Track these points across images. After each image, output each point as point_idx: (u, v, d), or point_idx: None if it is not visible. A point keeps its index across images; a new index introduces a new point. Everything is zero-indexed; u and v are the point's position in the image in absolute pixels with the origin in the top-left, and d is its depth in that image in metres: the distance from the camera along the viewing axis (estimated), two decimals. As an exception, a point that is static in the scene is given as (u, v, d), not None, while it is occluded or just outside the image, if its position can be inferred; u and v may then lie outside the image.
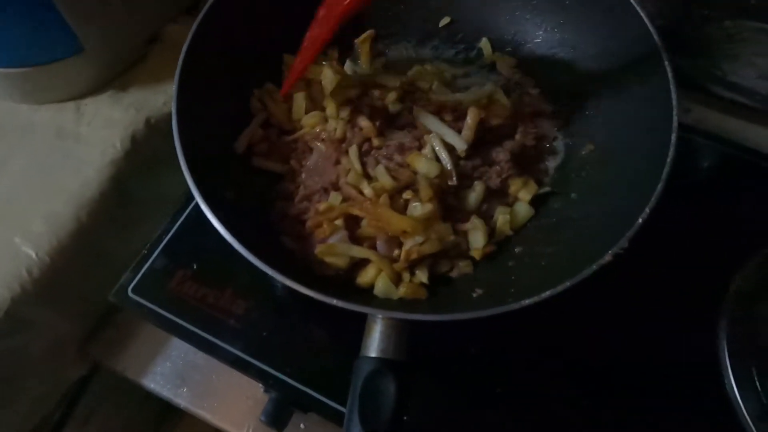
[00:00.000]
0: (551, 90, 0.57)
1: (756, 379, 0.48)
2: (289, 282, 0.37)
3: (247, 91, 0.55)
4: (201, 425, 0.57)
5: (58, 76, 0.57)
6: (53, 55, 0.55)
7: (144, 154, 0.57)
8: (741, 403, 0.46)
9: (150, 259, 0.55)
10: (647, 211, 0.39)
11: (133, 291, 0.53)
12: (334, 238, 0.46)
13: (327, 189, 0.50)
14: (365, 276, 0.45)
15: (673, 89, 0.44)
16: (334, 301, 0.36)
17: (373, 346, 0.37)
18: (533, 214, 0.50)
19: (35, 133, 0.57)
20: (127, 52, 0.61)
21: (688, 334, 0.51)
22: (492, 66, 0.60)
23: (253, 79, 0.55)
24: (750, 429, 0.45)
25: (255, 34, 0.54)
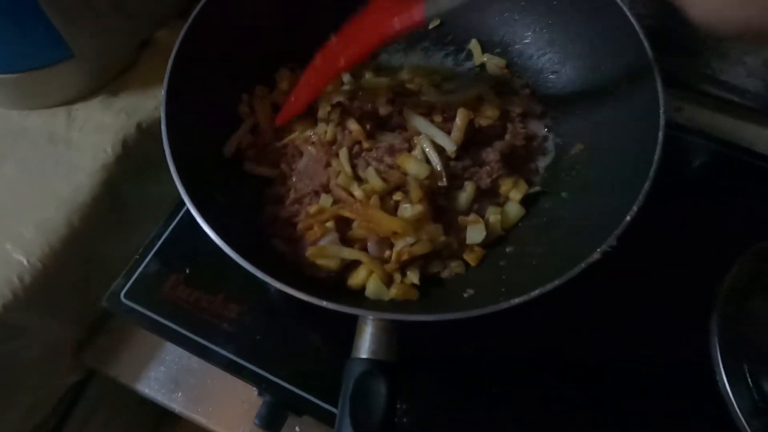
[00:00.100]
0: (540, 90, 0.57)
1: (748, 376, 0.48)
2: (279, 285, 0.37)
3: (238, 95, 0.55)
4: (196, 430, 0.57)
5: (48, 81, 0.57)
6: (43, 60, 0.55)
7: (136, 158, 0.57)
8: (733, 400, 0.47)
9: (142, 264, 0.55)
10: (635, 209, 0.39)
11: (125, 296, 0.53)
12: (325, 240, 0.46)
13: (318, 192, 0.50)
14: (356, 277, 0.45)
15: (659, 88, 0.44)
16: (324, 303, 0.36)
17: (364, 347, 0.37)
18: (524, 213, 0.50)
19: (26, 139, 0.57)
20: (117, 57, 0.61)
21: (680, 332, 0.51)
22: (482, 67, 0.61)
23: (243, 83, 0.55)
24: (742, 425, 0.45)
25: (245, 39, 0.54)
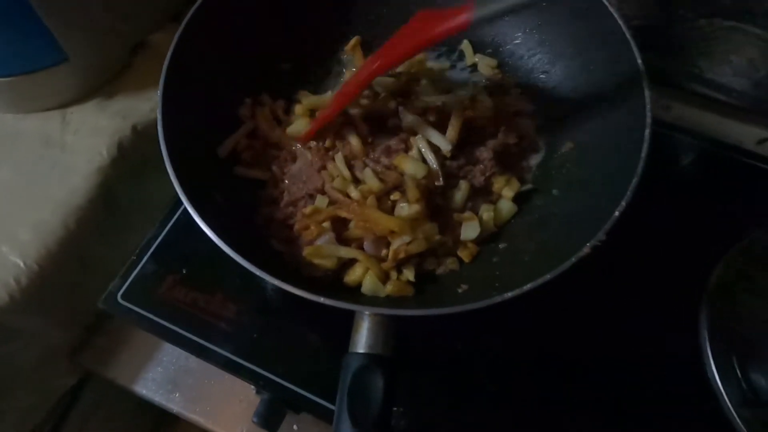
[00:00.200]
0: (531, 90, 0.58)
1: (736, 368, 0.49)
2: (277, 282, 0.38)
3: (234, 96, 0.55)
4: (195, 430, 0.57)
5: (43, 85, 0.57)
6: (38, 64, 0.55)
7: (131, 161, 0.58)
8: (723, 391, 0.47)
9: (139, 265, 0.55)
10: (623, 204, 0.40)
11: (122, 297, 0.54)
12: (322, 240, 0.46)
13: (312, 195, 0.50)
14: (353, 274, 0.46)
15: (646, 87, 0.45)
16: (322, 299, 0.37)
17: (361, 342, 0.38)
18: (516, 210, 0.51)
19: (21, 143, 0.57)
20: (112, 60, 0.61)
21: (670, 325, 0.52)
22: (474, 67, 0.61)
23: (239, 84, 0.56)
24: (732, 415, 0.46)
25: (239, 41, 0.55)
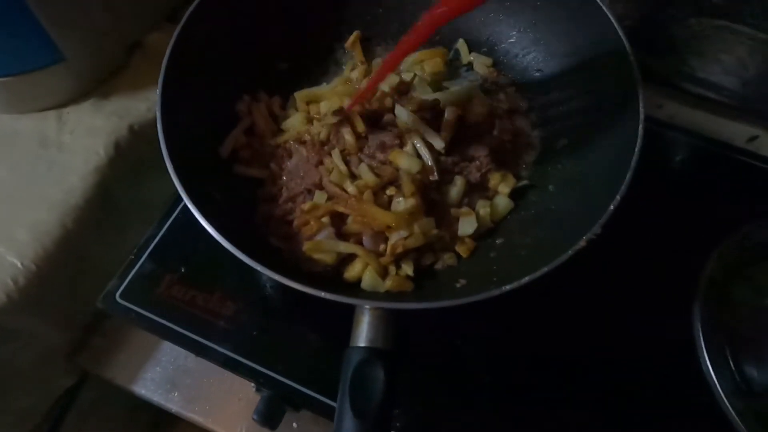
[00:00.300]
0: (526, 87, 0.59)
1: (730, 360, 0.50)
2: (278, 277, 0.38)
3: (233, 94, 0.56)
4: (194, 430, 0.57)
5: (39, 85, 0.57)
6: (34, 64, 0.55)
7: (128, 160, 0.58)
8: (716, 381, 0.48)
9: (137, 264, 0.55)
10: (618, 198, 0.40)
11: (121, 296, 0.54)
12: (321, 235, 0.47)
13: (311, 190, 0.51)
14: (352, 270, 0.46)
15: (638, 83, 0.46)
16: (323, 293, 0.37)
17: (362, 336, 0.38)
18: (513, 206, 0.52)
19: (18, 143, 0.57)
20: (108, 60, 0.61)
21: (664, 318, 0.53)
22: (469, 65, 0.62)
23: (238, 82, 0.56)
24: (725, 405, 0.47)
25: (237, 40, 0.55)
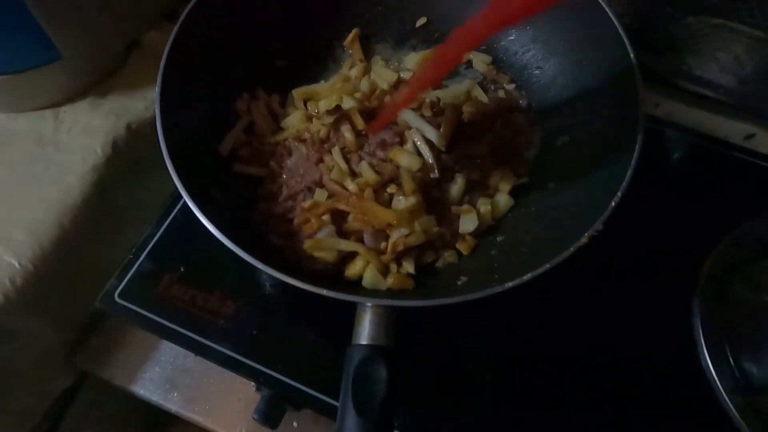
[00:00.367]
0: (526, 85, 0.59)
1: (729, 356, 0.50)
2: (278, 274, 0.38)
3: (230, 92, 0.55)
4: (194, 430, 0.57)
5: (36, 83, 0.56)
6: (31, 62, 0.54)
7: (126, 160, 0.57)
8: (716, 378, 0.49)
9: (136, 264, 0.55)
10: (619, 195, 0.41)
11: (120, 296, 0.53)
12: (322, 233, 0.46)
13: (311, 188, 0.51)
14: (353, 268, 0.46)
15: (638, 81, 0.46)
16: (324, 291, 0.37)
17: (364, 334, 0.38)
18: (513, 204, 0.52)
19: (14, 142, 0.56)
20: (105, 59, 0.61)
21: (665, 315, 0.53)
22: (468, 63, 0.62)
23: (236, 80, 0.56)
24: (725, 401, 0.47)
25: (235, 38, 0.55)
